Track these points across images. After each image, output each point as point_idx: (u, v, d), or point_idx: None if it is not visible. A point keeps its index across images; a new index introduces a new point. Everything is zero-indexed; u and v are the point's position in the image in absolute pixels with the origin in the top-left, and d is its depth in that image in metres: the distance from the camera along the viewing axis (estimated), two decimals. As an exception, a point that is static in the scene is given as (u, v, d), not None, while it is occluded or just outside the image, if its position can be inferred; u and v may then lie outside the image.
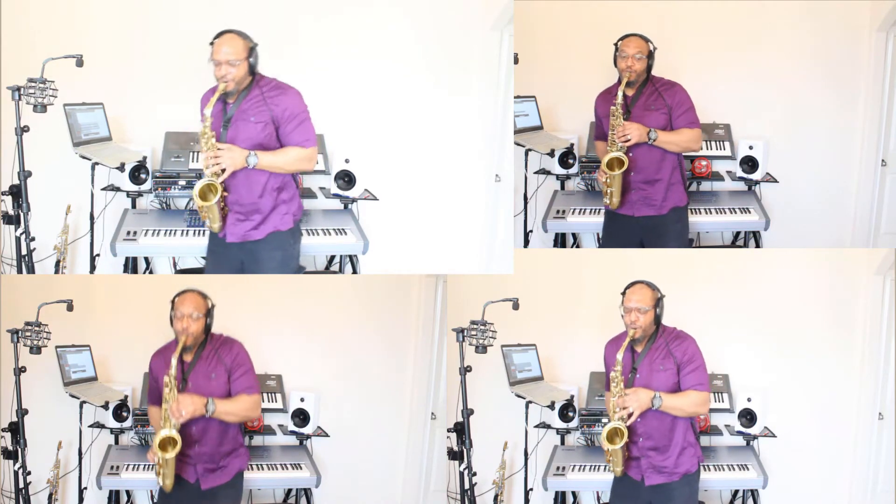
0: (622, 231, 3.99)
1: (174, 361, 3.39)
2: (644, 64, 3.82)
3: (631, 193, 3.90)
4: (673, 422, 3.53)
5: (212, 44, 3.48)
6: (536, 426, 4.28)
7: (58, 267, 4.09)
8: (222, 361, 3.59)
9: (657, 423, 3.52)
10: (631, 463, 3.57)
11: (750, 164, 4.36)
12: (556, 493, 4.25)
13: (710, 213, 4.30)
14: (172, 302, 3.57)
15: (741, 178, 4.39)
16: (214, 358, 3.59)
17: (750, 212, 4.32)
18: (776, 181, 4.40)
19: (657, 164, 3.88)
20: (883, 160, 4.50)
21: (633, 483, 3.59)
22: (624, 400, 3.45)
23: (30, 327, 3.88)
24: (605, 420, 3.50)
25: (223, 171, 3.44)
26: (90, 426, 4.15)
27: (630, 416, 3.45)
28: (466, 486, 4.03)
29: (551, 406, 4.18)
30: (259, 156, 3.46)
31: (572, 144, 4.34)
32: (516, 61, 4.30)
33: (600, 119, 3.99)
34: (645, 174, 3.88)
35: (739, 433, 4.27)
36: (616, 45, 3.85)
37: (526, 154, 4.38)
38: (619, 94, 3.76)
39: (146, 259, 4.21)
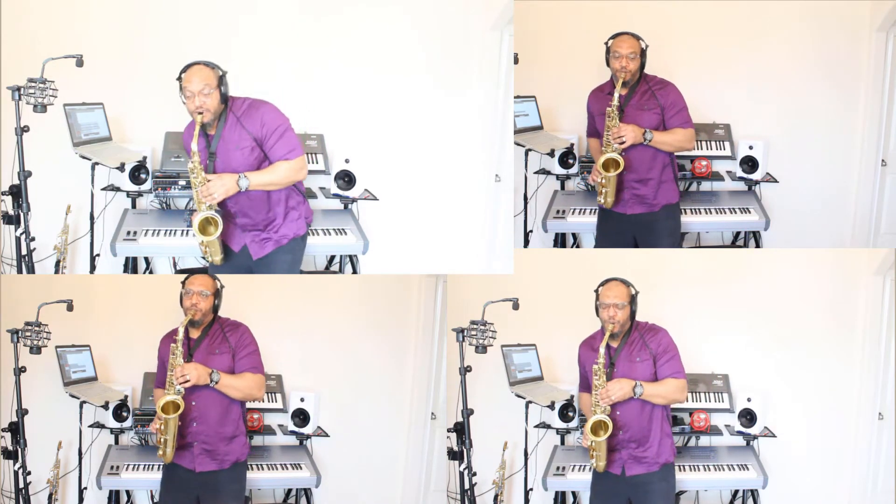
0: (615, 228, 4.00)
1: (181, 330, 3.51)
2: (638, 63, 3.82)
3: (624, 192, 3.91)
4: (651, 413, 3.59)
5: (179, 79, 3.43)
6: (536, 426, 4.28)
7: (58, 267, 4.09)
8: (227, 341, 3.67)
9: (636, 414, 3.58)
10: (611, 456, 3.61)
11: (750, 164, 4.36)
12: (556, 493, 4.25)
13: (710, 213, 4.30)
14: (183, 283, 3.64)
15: (741, 178, 4.39)
16: (220, 336, 3.67)
17: (750, 212, 4.32)
18: (776, 181, 4.40)
19: (649, 162, 3.89)
20: (883, 160, 4.50)
21: (612, 478, 3.64)
22: (606, 389, 3.48)
23: (30, 327, 3.88)
24: (583, 416, 3.53)
25: (214, 199, 3.43)
26: (90, 426, 4.15)
27: (614, 405, 3.52)
28: (466, 486, 4.03)
29: (551, 406, 4.18)
30: (249, 177, 3.45)
31: (572, 144, 4.34)
32: (516, 61, 4.30)
33: (593, 116, 4.00)
34: (637, 173, 3.89)
35: (739, 433, 4.27)
36: (607, 44, 3.85)
37: (526, 154, 4.38)
38: (615, 95, 3.76)
39: (146, 259, 4.22)
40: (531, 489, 4.25)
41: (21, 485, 3.90)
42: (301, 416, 4.24)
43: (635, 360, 3.58)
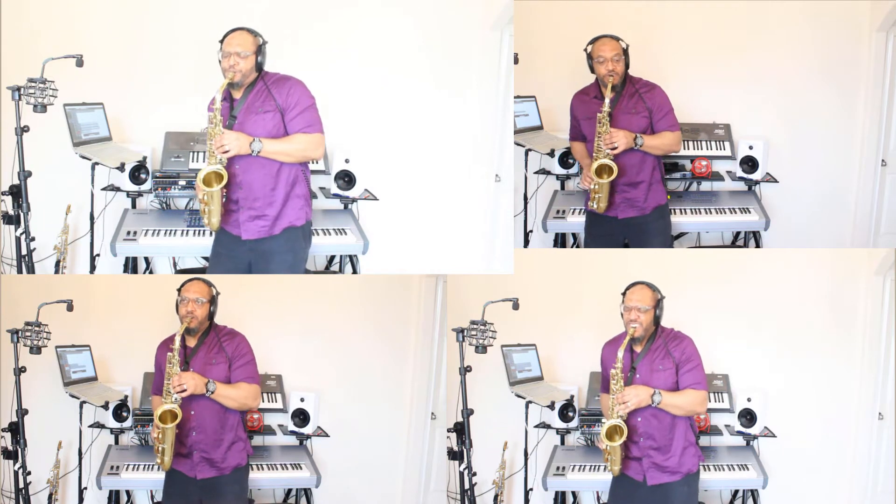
0: (606, 231, 3.99)
1: (177, 339, 3.50)
2: (622, 65, 3.81)
3: (615, 196, 3.90)
4: (673, 421, 3.54)
5: (221, 41, 3.50)
6: (536, 426, 4.28)
7: (58, 267, 4.09)
8: (224, 350, 3.66)
9: (657, 422, 3.53)
10: (631, 463, 3.57)
11: (750, 164, 4.36)
12: (556, 493, 4.25)
13: (710, 213, 4.30)
14: (179, 290, 3.63)
15: (741, 178, 4.39)
16: (217, 345, 3.66)
17: (750, 212, 4.32)
18: (776, 181, 4.40)
19: (638, 166, 3.88)
20: (883, 160, 4.50)
21: (632, 483, 3.59)
22: (623, 395, 3.46)
23: (30, 327, 3.88)
24: (603, 420, 3.50)
25: (226, 152, 3.43)
26: (90, 426, 4.15)
27: (635, 413, 3.47)
28: (466, 486, 4.03)
29: (551, 406, 4.18)
30: (264, 142, 3.47)
31: (572, 144, 4.34)
32: (516, 61, 4.30)
33: (577, 120, 3.99)
34: (628, 177, 3.88)
35: (739, 433, 4.27)
36: (587, 50, 3.83)
37: (526, 154, 4.38)
38: (606, 102, 3.74)
39: (146, 259, 4.22)
40: (531, 489, 4.25)
41: (21, 485, 3.90)
42: (301, 416, 4.24)
43: (657, 368, 3.52)
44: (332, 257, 4.34)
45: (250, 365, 3.71)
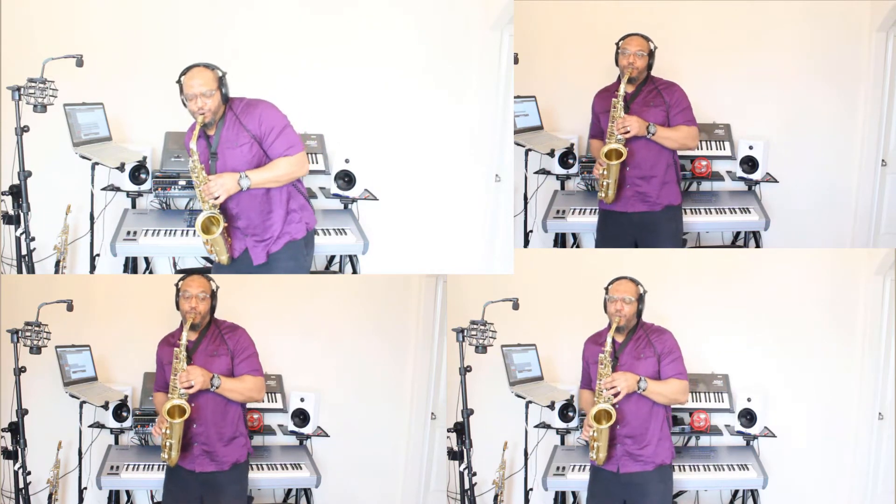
0: (616, 229, 4.00)
1: (184, 335, 3.52)
2: (645, 62, 3.85)
3: (626, 189, 3.92)
4: (650, 411, 3.60)
5: (178, 82, 3.43)
6: (536, 426, 4.28)
7: (58, 267, 4.09)
8: (226, 343, 3.68)
9: (635, 409, 3.60)
10: (608, 452, 3.62)
11: (750, 164, 4.36)
12: (556, 493, 4.25)
13: (710, 213, 4.30)
14: (177, 286, 3.64)
15: (741, 178, 4.39)
16: (218, 338, 3.68)
17: (750, 212, 4.32)
18: (776, 181, 4.40)
19: (653, 160, 3.90)
20: (883, 160, 4.50)
21: (608, 477, 3.65)
22: (612, 380, 3.50)
23: (30, 327, 3.88)
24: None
25: (217, 199, 3.43)
26: (90, 426, 4.15)
27: (617, 395, 3.52)
28: (466, 486, 4.03)
29: (551, 406, 4.18)
30: (250, 176, 3.45)
31: (572, 144, 4.34)
32: (516, 61, 4.30)
33: (597, 116, 4.01)
34: (640, 169, 3.90)
35: (739, 433, 4.27)
36: (617, 44, 3.86)
37: (526, 154, 4.38)
38: (621, 88, 3.78)
39: (146, 259, 4.22)
40: (531, 489, 4.25)
41: (21, 485, 3.90)
42: (301, 416, 4.24)
43: (640, 356, 3.60)
44: (332, 257, 4.34)
45: (253, 358, 3.73)
